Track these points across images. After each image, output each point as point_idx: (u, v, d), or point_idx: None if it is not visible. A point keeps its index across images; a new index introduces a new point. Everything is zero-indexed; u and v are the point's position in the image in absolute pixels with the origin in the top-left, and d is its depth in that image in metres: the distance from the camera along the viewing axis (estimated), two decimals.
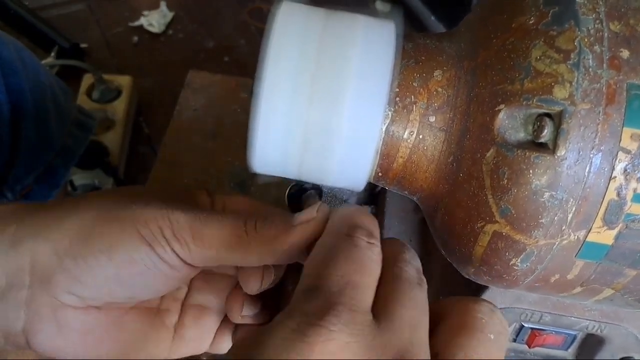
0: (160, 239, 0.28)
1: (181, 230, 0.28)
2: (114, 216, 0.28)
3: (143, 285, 0.29)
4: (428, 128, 0.28)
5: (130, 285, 0.29)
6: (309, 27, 0.27)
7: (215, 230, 0.28)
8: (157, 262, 0.28)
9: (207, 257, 0.29)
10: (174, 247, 0.28)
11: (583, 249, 0.26)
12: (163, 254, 0.28)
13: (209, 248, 0.28)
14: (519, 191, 0.25)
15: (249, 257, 0.29)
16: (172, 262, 0.28)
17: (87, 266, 0.28)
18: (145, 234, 0.28)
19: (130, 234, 0.28)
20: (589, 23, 0.25)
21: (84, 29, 1.00)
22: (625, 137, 0.24)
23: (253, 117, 0.26)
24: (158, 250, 0.28)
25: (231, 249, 0.29)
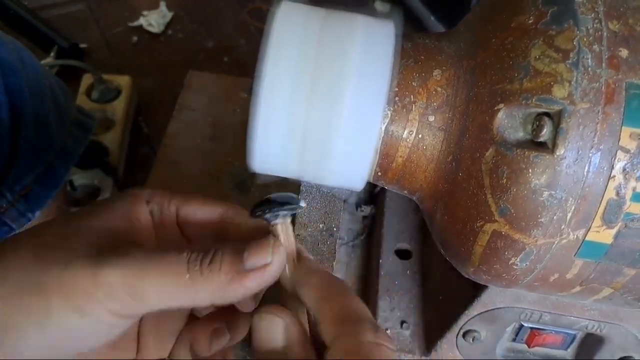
0: (92, 305, 0.25)
1: (114, 290, 0.25)
2: (34, 288, 0.25)
3: (86, 344, 0.27)
4: (427, 127, 0.28)
5: (72, 348, 0.27)
6: (309, 26, 0.27)
7: (155, 285, 0.25)
8: (94, 324, 0.26)
9: (150, 309, 0.26)
10: (110, 307, 0.25)
11: (582, 248, 0.26)
12: (98, 317, 0.25)
13: (151, 303, 0.26)
14: (518, 190, 0.25)
15: (197, 304, 0.27)
16: (111, 320, 0.26)
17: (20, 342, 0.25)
18: (75, 304, 0.25)
19: (58, 307, 0.25)
20: (587, 22, 0.25)
21: (83, 29, 0.99)
22: (624, 136, 0.24)
23: (253, 117, 0.26)
24: (91, 317, 0.25)
25: (174, 299, 0.26)
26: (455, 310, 0.43)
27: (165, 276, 0.25)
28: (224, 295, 0.26)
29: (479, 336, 0.43)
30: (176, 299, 0.26)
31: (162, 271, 0.25)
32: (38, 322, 0.25)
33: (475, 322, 0.42)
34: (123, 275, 0.25)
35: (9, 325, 0.25)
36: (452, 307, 0.44)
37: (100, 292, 0.25)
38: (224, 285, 0.25)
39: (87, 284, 0.25)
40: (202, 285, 0.25)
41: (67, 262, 0.25)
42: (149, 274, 0.25)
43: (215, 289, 0.25)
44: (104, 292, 0.25)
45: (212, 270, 0.25)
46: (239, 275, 0.26)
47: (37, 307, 0.25)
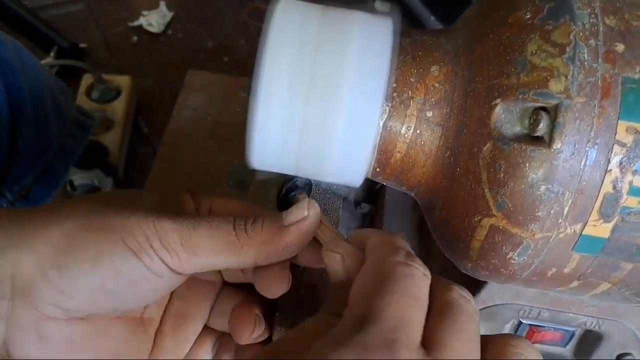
0: (147, 249, 0.27)
1: (169, 238, 0.27)
2: (98, 225, 0.27)
3: (129, 296, 0.29)
4: (425, 123, 0.28)
5: (115, 296, 0.28)
6: (307, 23, 0.27)
7: (205, 237, 0.28)
8: (145, 272, 0.27)
9: (197, 264, 0.28)
10: (162, 257, 0.27)
11: (579, 242, 0.26)
12: (150, 264, 0.27)
13: (199, 255, 0.28)
14: (516, 184, 0.25)
15: (242, 261, 0.28)
16: (160, 271, 0.28)
17: (71, 277, 0.27)
18: (132, 244, 0.27)
19: (115, 244, 0.27)
20: (584, 17, 0.25)
21: (83, 29, 1.00)
22: (621, 130, 0.24)
23: (251, 113, 0.26)
24: (145, 260, 0.27)
25: (222, 254, 0.28)
26: None
27: (215, 232, 0.28)
28: (266, 251, 0.28)
29: None
30: (224, 254, 0.28)
31: (212, 228, 0.28)
32: (93, 257, 0.27)
33: None
34: (179, 227, 0.27)
35: (62, 265, 0.27)
36: None
37: (157, 240, 0.27)
38: (267, 240, 0.28)
39: (146, 229, 0.27)
40: (247, 241, 0.28)
41: (131, 212, 0.28)
42: (201, 228, 0.28)
43: (258, 244, 0.28)
44: (161, 240, 0.27)
45: (255, 229, 0.28)
46: (280, 231, 0.28)
47: (96, 243, 0.27)
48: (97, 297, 0.28)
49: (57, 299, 0.27)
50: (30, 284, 0.27)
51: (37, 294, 0.27)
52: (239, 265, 0.29)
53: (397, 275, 0.23)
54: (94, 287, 0.27)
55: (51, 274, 0.27)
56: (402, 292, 0.22)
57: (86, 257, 0.27)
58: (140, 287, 0.28)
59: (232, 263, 0.29)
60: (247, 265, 0.29)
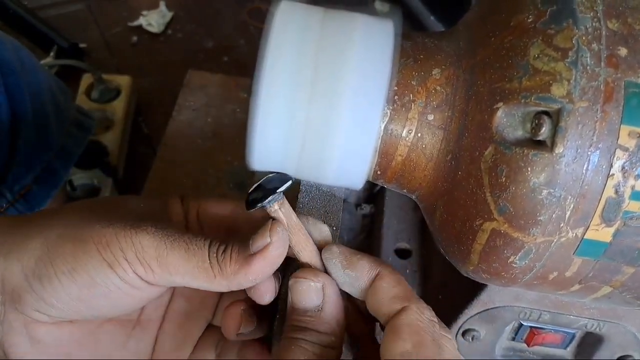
0: (122, 262, 0.27)
1: (145, 253, 0.27)
2: (76, 236, 0.28)
3: (108, 305, 0.29)
4: (427, 126, 0.28)
5: (95, 305, 0.29)
6: (308, 26, 0.27)
7: (181, 259, 0.28)
8: (119, 283, 0.28)
9: (171, 282, 0.28)
10: (136, 270, 0.27)
11: (581, 247, 0.26)
12: (124, 276, 0.28)
13: (173, 275, 0.28)
14: (517, 189, 0.25)
15: (214, 286, 0.29)
16: (135, 283, 0.28)
17: (51, 287, 0.27)
18: (107, 257, 0.27)
19: (91, 256, 0.27)
20: (586, 21, 0.25)
21: (83, 28, 0.99)
22: (623, 134, 0.24)
23: (252, 115, 0.26)
24: (119, 272, 0.27)
25: (196, 280, 0.28)
26: (454, 309, 0.43)
27: (190, 256, 0.28)
28: (236, 282, 0.28)
29: (479, 335, 0.43)
30: (197, 280, 0.28)
31: (189, 251, 0.28)
32: (70, 269, 0.27)
33: (474, 321, 0.42)
34: (155, 244, 0.27)
35: (43, 275, 0.27)
36: (452, 306, 0.44)
37: (132, 253, 0.27)
38: (235, 272, 0.28)
39: (122, 242, 0.27)
40: (219, 272, 0.28)
41: (110, 222, 0.28)
42: (177, 249, 0.28)
43: (228, 276, 0.28)
44: (136, 253, 0.27)
45: (225, 260, 0.28)
46: (246, 261, 0.28)
47: (72, 255, 0.27)
48: (77, 306, 0.28)
49: (40, 307, 0.28)
50: (18, 290, 0.28)
51: (24, 301, 0.28)
52: (213, 289, 0.29)
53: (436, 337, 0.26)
54: (73, 296, 0.28)
55: (34, 284, 0.27)
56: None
57: (64, 269, 0.27)
58: (116, 297, 0.28)
59: (205, 287, 0.29)
60: (221, 290, 0.29)
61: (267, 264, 0.28)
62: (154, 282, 0.28)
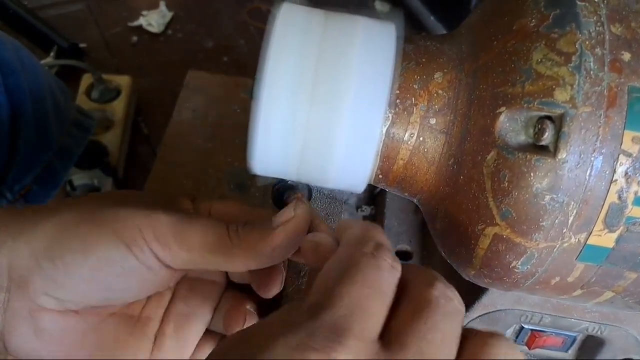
0: (139, 240, 0.27)
1: (163, 230, 0.27)
2: (91, 217, 0.28)
3: (120, 288, 0.29)
4: (428, 130, 0.28)
5: (106, 287, 0.28)
6: (309, 29, 0.27)
7: (198, 233, 0.28)
8: (135, 263, 0.27)
9: (189, 260, 0.28)
10: (154, 249, 0.27)
11: (584, 252, 0.26)
12: (140, 255, 0.27)
13: (191, 251, 0.28)
14: (520, 194, 0.25)
15: (232, 262, 0.28)
16: (150, 264, 0.28)
17: (63, 266, 0.27)
18: (122, 234, 0.27)
19: (107, 234, 0.27)
20: (590, 26, 0.25)
21: (82, 28, 0.99)
22: (627, 140, 0.24)
23: (253, 119, 0.26)
24: (135, 251, 0.27)
25: (214, 253, 0.28)
26: None
27: (208, 230, 0.28)
28: (257, 254, 0.28)
29: None
30: (215, 254, 0.28)
31: (206, 226, 0.28)
32: (84, 247, 0.27)
33: (475, 324, 0.42)
34: (173, 220, 0.27)
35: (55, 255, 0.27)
36: None
37: (150, 232, 0.27)
38: (256, 243, 0.28)
39: (140, 222, 0.27)
40: (238, 243, 0.28)
41: (127, 206, 0.28)
42: (196, 224, 0.28)
43: (249, 247, 0.28)
44: (154, 232, 0.27)
45: (246, 231, 0.28)
46: (269, 233, 0.28)
47: (87, 235, 0.27)
48: (89, 287, 0.28)
49: (50, 289, 0.28)
50: (26, 275, 0.27)
51: (32, 284, 0.27)
52: (230, 268, 0.29)
53: (360, 265, 0.22)
54: (86, 276, 0.28)
55: (45, 264, 0.27)
56: (363, 282, 0.21)
57: (78, 247, 0.27)
58: (130, 278, 0.28)
59: (222, 264, 0.29)
60: (238, 268, 0.29)
61: (288, 238, 0.28)
62: (171, 262, 0.28)
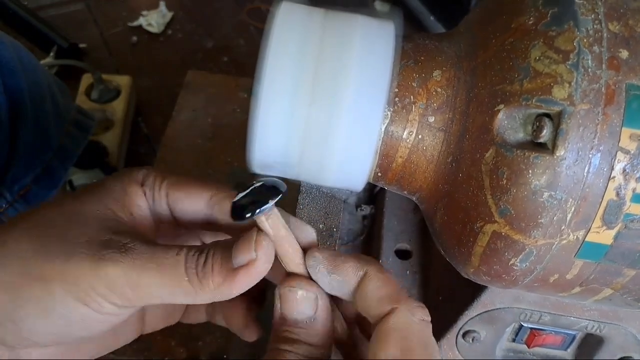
0: (94, 297, 0.26)
1: (116, 284, 0.26)
2: (38, 275, 0.26)
3: (88, 332, 0.28)
4: (427, 128, 0.28)
5: (77, 335, 0.28)
6: (309, 27, 0.27)
7: (155, 280, 0.26)
8: (96, 316, 0.27)
9: (150, 302, 0.27)
10: (112, 300, 0.26)
11: (582, 249, 0.26)
12: (100, 309, 0.26)
13: (150, 297, 0.27)
14: (518, 191, 0.25)
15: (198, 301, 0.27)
16: (113, 311, 0.27)
17: (27, 330, 0.26)
18: (76, 294, 0.26)
19: (61, 297, 0.26)
20: (588, 24, 0.25)
21: (82, 28, 0.99)
22: (624, 137, 0.24)
23: (252, 118, 0.26)
24: (94, 307, 0.26)
25: (176, 296, 0.27)
26: (454, 310, 0.43)
27: (164, 276, 0.26)
28: (219, 295, 0.27)
29: (479, 336, 0.43)
30: (176, 297, 0.27)
31: (162, 272, 0.26)
32: (43, 310, 0.26)
33: (475, 322, 0.42)
34: (124, 272, 0.26)
35: (15, 314, 0.26)
36: (452, 307, 0.44)
37: (102, 286, 0.25)
38: (218, 286, 0.26)
39: (90, 277, 0.25)
40: (199, 288, 0.26)
41: (70, 254, 0.26)
42: (150, 273, 0.26)
43: (211, 291, 0.26)
44: (106, 286, 0.25)
45: (206, 273, 0.26)
46: (230, 275, 0.26)
47: (40, 297, 0.26)
48: (57, 338, 0.28)
49: (21, 342, 0.27)
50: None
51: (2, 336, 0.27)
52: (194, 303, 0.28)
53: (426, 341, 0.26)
54: (52, 333, 0.27)
55: (10, 326, 0.26)
56: None
57: (37, 312, 0.26)
58: (98, 325, 0.28)
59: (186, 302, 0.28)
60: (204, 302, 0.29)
61: (252, 279, 0.27)
62: (131, 305, 0.27)
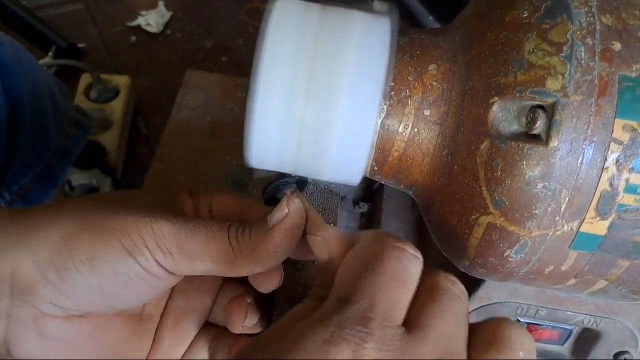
0: (144, 250, 0.27)
1: (165, 240, 0.27)
2: (94, 226, 0.27)
3: (126, 295, 0.29)
4: (423, 121, 0.28)
5: (112, 296, 0.29)
6: (305, 22, 0.27)
7: (201, 244, 0.28)
8: (141, 273, 0.28)
9: (192, 268, 0.28)
10: (157, 258, 0.27)
11: (576, 240, 0.26)
12: (146, 265, 0.27)
13: (194, 260, 0.28)
14: (513, 182, 0.25)
15: (236, 269, 0.29)
16: (156, 272, 0.28)
17: (69, 278, 0.27)
18: (128, 245, 0.27)
19: (111, 245, 0.27)
20: (581, 16, 0.25)
21: (81, 28, 1.00)
22: (617, 128, 0.24)
23: (249, 112, 0.26)
24: (141, 261, 0.27)
25: (217, 262, 0.28)
26: None
27: (209, 239, 0.28)
28: (259, 258, 0.28)
29: None
30: (217, 264, 0.28)
31: (207, 235, 0.28)
32: (90, 258, 0.27)
33: (472, 317, 0.42)
34: (175, 230, 0.28)
35: (60, 266, 0.27)
36: None
37: (152, 241, 0.27)
38: (255, 247, 0.28)
39: (143, 231, 0.27)
40: (238, 252, 0.28)
41: (127, 212, 0.28)
42: (196, 234, 0.28)
43: (250, 252, 0.28)
44: (157, 241, 0.27)
45: (245, 237, 0.28)
46: (266, 234, 0.28)
47: (93, 244, 0.27)
48: (95, 297, 0.28)
49: (56, 299, 0.28)
50: (30, 284, 0.27)
51: (37, 293, 0.27)
52: (234, 274, 0.29)
53: (384, 256, 0.23)
54: (92, 287, 0.28)
55: (50, 275, 0.27)
56: (388, 273, 0.22)
57: (84, 259, 0.27)
58: (136, 286, 0.28)
59: (226, 272, 0.29)
60: (242, 274, 0.29)
61: (286, 235, 0.28)
62: (175, 269, 0.28)
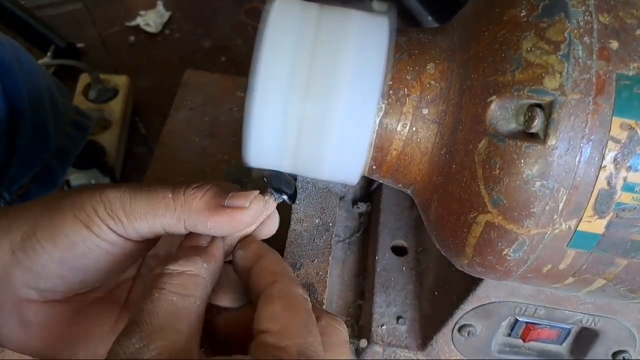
0: (95, 219, 0.29)
1: (113, 206, 0.29)
2: (55, 205, 0.30)
3: (91, 267, 0.30)
4: (421, 120, 0.28)
5: (79, 268, 0.30)
6: (303, 22, 0.27)
7: (143, 201, 0.29)
8: (96, 240, 0.29)
9: (139, 228, 0.29)
10: (109, 224, 0.29)
11: (574, 238, 0.26)
12: (99, 232, 0.29)
13: (139, 219, 0.29)
14: (511, 181, 0.25)
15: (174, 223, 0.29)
16: (110, 238, 0.29)
17: (36, 256, 0.29)
18: (81, 217, 0.29)
19: (69, 220, 0.29)
20: (578, 15, 0.25)
21: (80, 28, 1.00)
22: (615, 126, 0.24)
23: (248, 110, 0.26)
24: (94, 229, 0.29)
25: (158, 217, 0.29)
26: (450, 304, 0.43)
27: (152, 195, 0.29)
28: (194, 221, 0.29)
29: (475, 331, 0.43)
30: (159, 217, 0.29)
31: (150, 192, 0.29)
32: (51, 234, 0.29)
33: (470, 316, 0.42)
34: (120, 194, 0.29)
35: (28, 246, 0.29)
36: (448, 302, 0.44)
37: (102, 209, 0.29)
38: (200, 210, 0.29)
39: (94, 202, 0.29)
40: (181, 204, 0.29)
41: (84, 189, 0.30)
42: (139, 194, 0.29)
43: (191, 210, 0.29)
44: (104, 208, 0.29)
45: (195, 195, 0.29)
46: (216, 208, 0.29)
47: (51, 222, 0.29)
48: (62, 272, 0.30)
49: (29, 280, 0.29)
50: (6, 269, 0.29)
51: (12, 277, 0.29)
52: (174, 230, 0.30)
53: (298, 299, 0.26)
54: (56, 261, 0.29)
55: (20, 256, 0.29)
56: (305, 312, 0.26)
57: (45, 236, 0.29)
58: (96, 256, 0.30)
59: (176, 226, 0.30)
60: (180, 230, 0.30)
61: (231, 222, 0.29)
62: (126, 233, 0.29)
